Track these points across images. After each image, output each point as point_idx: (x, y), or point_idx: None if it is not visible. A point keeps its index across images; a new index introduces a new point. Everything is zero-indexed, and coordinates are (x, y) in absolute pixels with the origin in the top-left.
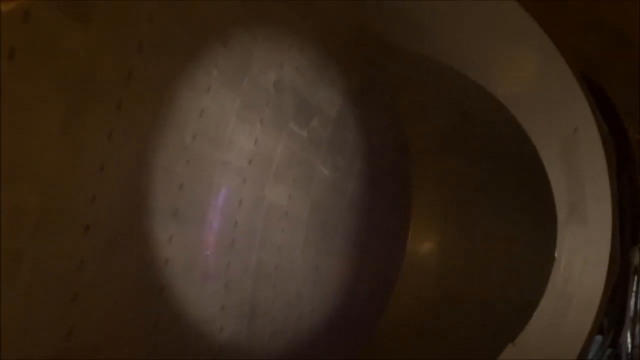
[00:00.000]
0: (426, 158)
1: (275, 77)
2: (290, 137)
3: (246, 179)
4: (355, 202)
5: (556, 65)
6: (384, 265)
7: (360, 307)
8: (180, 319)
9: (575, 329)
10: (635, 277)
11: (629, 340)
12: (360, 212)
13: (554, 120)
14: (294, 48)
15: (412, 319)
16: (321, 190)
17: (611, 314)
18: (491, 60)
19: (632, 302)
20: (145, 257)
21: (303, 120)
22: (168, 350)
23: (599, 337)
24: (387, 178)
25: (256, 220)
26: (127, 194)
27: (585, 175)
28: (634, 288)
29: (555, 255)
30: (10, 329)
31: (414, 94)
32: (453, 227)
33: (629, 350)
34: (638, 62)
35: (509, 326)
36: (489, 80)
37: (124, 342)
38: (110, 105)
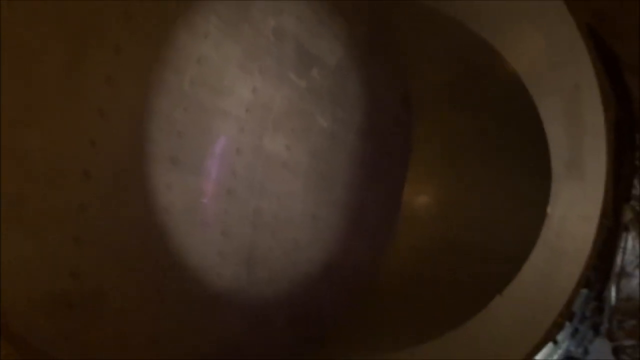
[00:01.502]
0: (428, 111)
1: (276, 25)
2: (289, 86)
3: (244, 128)
4: (355, 153)
5: (561, 20)
6: (382, 216)
7: (358, 256)
8: (179, 265)
9: (562, 282)
10: (625, 234)
11: (613, 294)
12: (360, 163)
13: (555, 76)
14: None
15: (409, 269)
16: (320, 141)
17: (598, 268)
18: (496, 14)
19: (619, 258)
20: (145, 204)
21: (302, 70)
22: (170, 296)
23: (584, 291)
24: (388, 130)
25: (254, 169)
26: (126, 139)
27: (585, 131)
28: (622, 244)
29: (549, 210)
30: (11, 270)
31: (419, 47)
32: (451, 179)
33: (613, 304)
34: None
35: (500, 277)
36: (494, 34)
37: (127, 285)
38: (108, 49)
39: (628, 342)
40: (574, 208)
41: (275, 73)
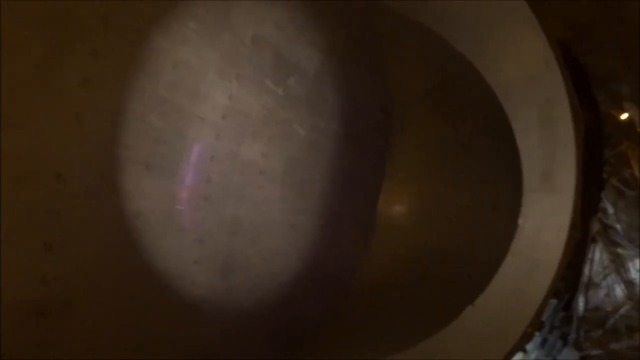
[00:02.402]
0: (406, 120)
1: (255, 32)
2: (267, 94)
3: (220, 134)
4: (333, 161)
5: (533, 35)
6: (359, 224)
7: (334, 264)
8: (153, 273)
9: (532, 292)
10: (592, 245)
11: (581, 305)
12: (337, 171)
13: (527, 89)
14: (275, 2)
15: (384, 278)
16: (298, 149)
17: (567, 279)
18: (472, 27)
19: (587, 269)
20: (118, 209)
21: (281, 78)
22: (143, 303)
23: (553, 301)
24: (366, 138)
25: (231, 177)
26: (101, 143)
27: (556, 144)
28: (590, 255)
29: (520, 221)
30: None
31: (397, 56)
32: (426, 188)
33: (581, 314)
34: (622, 33)
35: (472, 287)
36: (469, 46)
37: (99, 292)
38: (85, 52)
39: (595, 352)
40: (545, 219)
41: (253, 80)
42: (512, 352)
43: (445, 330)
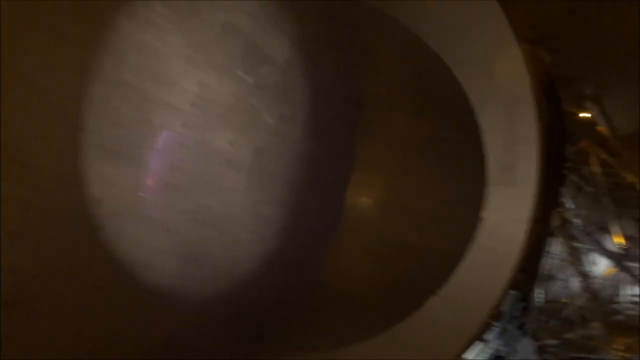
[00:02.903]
0: (375, 112)
1: (225, 20)
2: (236, 82)
3: (188, 122)
4: (300, 151)
5: (502, 33)
6: (325, 216)
7: (299, 254)
8: (116, 260)
9: (493, 283)
10: (552, 239)
11: (539, 296)
12: (305, 161)
13: (495, 86)
14: None
15: (350, 268)
16: (266, 138)
17: (527, 271)
18: (442, 24)
19: (545, 262)
20: (80, 196)
21: (251, 67)
22: (104, 289)
23: (513, 292)
24: (334, 130)
25: (197, 164)
26: (63, 127)
27: (519, 140)
28: (549, 249)
29: (483, 215)
30: None
31: (368, 49)
32: (394, 181)
33: (539, 305)
34: (586, 35)
35: (435, 278)
36: (439, 42)
37: (62, 281)
38: (49, 34)
39: (551, 342)
40: (506, 213)
41: (223, 68)
42: (472, 342)
43: (408, 319)
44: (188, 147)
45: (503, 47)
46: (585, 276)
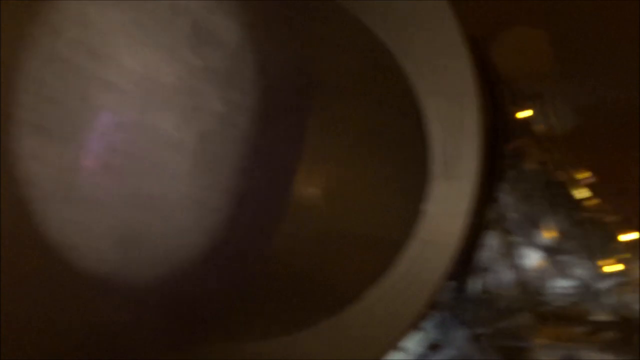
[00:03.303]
0: (324, 102)
1: None
2: (182, 63)
3: (128, 101)
4: (247, 139)
5: (450, 28)
6: (271, 205)
7: (243, 243)
8: (45, 245)
9: (431, 274)
10: (487, 232)
11: (474, 287)
12: (251, 149)
13: (440, 80)
14: None
15: (295, 258)
16: (211, 123)
17: (463, 262)
18: (392, 14)
19: (481, 254)
20: (7, 175)
21: (198, 48)
22: (34, 275)
23: (449, 283)
24: (284, 117)
25: (138, 147)
26: None
27: (462, 135)
28: (485, 241)
29: (424, 206)
30: None
31: (322, 38)
32: (341, 172)
33: (473, 295)
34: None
35: (375, 268)
36: (388, 33)
37: None
38: None
39: (485, 331)
40: (445, 205)
41: (169, 48)
42: (408, 330)
43: (348, 309)
44: (129, 128)
45: (450, 42)
46: (517, 269)
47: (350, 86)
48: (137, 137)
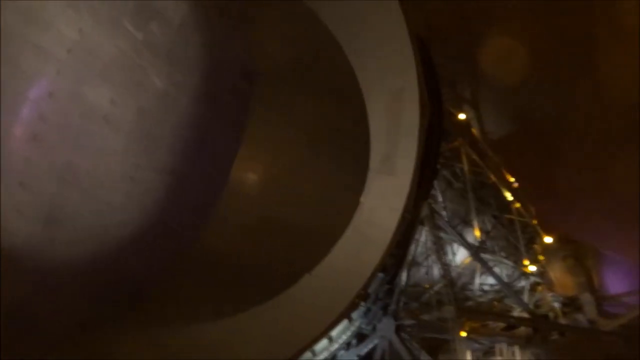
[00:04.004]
0: (269, 88)
1: None
2: (123, 36)
3: (63, 70)
4: (187, 119)
5: (398, 28)
6: (209, 188)
7: (177, 225)
8: None
9: (364, 265)
10: (420, 227)
11: (403, 280)
12: (192, 130)
13: (385, 77)
14: None
15: (230, 242)
16: (151, 100)
17: (395, 256)
18: (344, 10)
19: (412, 249)
20: None
21: (141, 21)
22: None
23: (380, 275)
24: (227, 101)
25: (69, 118)
26: None
27: (401, 132)
28: (417, 236)
29: (361, 199)
30: None
31: (270, 25)
32: (281, 160)
33: (402, 288)
34: (470, 43)
35: (311, 257)
36: (339, 28)
37: None
38: None
39: (409, 322)
40: (382, 199)
41: (109, 18)
42: (339, 320)
43: (282, 295)
44: (62, 99)
45: (397, 40)
46: (445, 264)
47: (296, 75)
48: (71, 109)
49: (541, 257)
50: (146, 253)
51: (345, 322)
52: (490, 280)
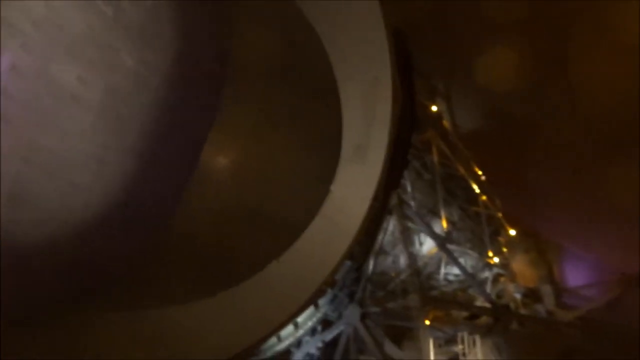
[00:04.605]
0: (243, 74)
1: None
2: (93, 12)
3: (29, 45)
4: (158, 100)
5: (375, 19)
6: (178, 172)
7: (145, 209)
8: None
9: (332, 253)
10: (388, 217)
11: (370, 268)
12: (162, 112)
13: (360, 68)
14: None
15: (198, 227)
16: (121, 79)
17: (363, 244)
18: (328, 5)
19: (380, 237)
20: None
21: None
22: None
23: (348, 263)
24: (200, 85)
25: (35, 95)
26: None
27: (374, 121)
28: (385, 225)
29: (332, 188)
30: None
31: (249, 11)
32: (253, 146)
33: (368, 276)
34: (446, 37)
35: (280, 243)
36: (317, 17)
37: None
38: None
39: (374, 309)
40: (352, 188)
41: None
42: (305, 306)
43: (249, 281)
44: (28, 76)
45: (374, 32)
46: (411, 254)
47: (271, 62)
48: (37, 86)
49: (505, 249)
50: (113, 236)
51: (311, 309)
52: (455, 270)
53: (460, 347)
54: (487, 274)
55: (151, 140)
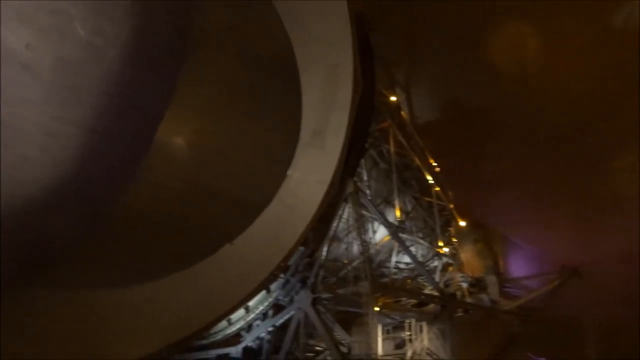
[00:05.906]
0: (203, 51)
1: None
2: None
3: None
4: (114, 73)
5: (339, 8)
6: (133, 148)
7: (97, 184)
8: None
9: (286, 238)
10: (344, 204)
11: (323, 254)
12: (117, 85)
13: (322, 50)
14: None
15: (152, 206)
16: (74, 49)
17: (317, 230)
18: None
19: (335, 224)
20: None
21: None
22: None
23: (301, 248)
24: (158, 59)
25: None
26: None
27: (334, 107)
28: (340, 212)
29: (289, 172)
30: None
31: None
32: (210, 125)
33: (321, 262)
34: (410, 27)
35: (234, 226)
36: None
37: None
38: None
39: (325, 295)
40: (310, 173)
41: None
42: (257, 291)
43: (201, 263)
44: None
45: (336, 16)
46: (364, 241)
47: (231, 39)
48: None
49: (454, 240)
50: (63, 212)
51: (263, 293)
52: (406, 259)
53: (407, 333)
54: (436, 263)
55: (104, 114)
